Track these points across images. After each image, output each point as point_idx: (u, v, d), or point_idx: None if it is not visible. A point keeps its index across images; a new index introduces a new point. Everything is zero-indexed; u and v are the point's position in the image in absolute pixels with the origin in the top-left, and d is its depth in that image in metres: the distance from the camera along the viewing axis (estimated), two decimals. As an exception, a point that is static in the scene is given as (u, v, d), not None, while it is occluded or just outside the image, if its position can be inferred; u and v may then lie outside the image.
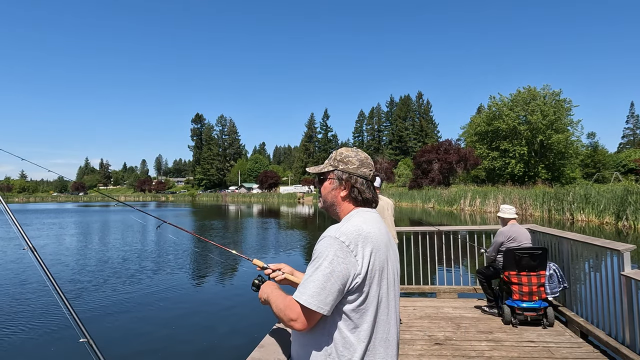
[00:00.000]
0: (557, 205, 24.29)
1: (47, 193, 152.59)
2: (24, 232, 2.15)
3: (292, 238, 18.75)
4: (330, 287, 1.27)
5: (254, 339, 1.97)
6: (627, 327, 3.75)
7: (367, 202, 1.49)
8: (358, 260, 1.30)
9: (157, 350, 5.62)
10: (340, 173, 1.49)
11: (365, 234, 1.34)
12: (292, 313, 1.30)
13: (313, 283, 1.28)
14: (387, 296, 1.38)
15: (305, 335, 1.37)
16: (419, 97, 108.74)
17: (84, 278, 10.06)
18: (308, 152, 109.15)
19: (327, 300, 1.26)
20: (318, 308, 1.26)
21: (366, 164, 1.51)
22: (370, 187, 1.51)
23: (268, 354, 1.56)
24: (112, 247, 15.87)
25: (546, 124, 49.12)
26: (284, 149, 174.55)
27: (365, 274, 1.30)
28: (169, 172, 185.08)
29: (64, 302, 1.98)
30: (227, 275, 10.59)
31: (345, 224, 1.37)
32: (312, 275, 1.30)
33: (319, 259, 1.30)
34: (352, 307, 1.31)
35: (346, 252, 1.29)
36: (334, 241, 1.31)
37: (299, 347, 1.42)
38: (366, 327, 1.31)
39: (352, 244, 1.30)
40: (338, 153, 1.54)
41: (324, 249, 1.31)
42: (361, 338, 1.31)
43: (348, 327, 1.31)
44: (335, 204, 1.51)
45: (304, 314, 1.28)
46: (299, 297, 1.29)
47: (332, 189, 1.51)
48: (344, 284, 1.28)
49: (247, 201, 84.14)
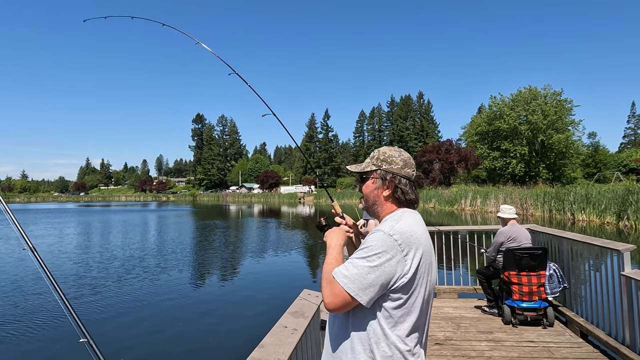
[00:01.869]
0: (558, 205, 24.25)
1: (48, 193, 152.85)
2: (23, 231, 2.16)
3: (292, 238, 18.75)
4: (373, 280, 1.26)
5: (254, 339, 1.96)
6: (627, 327, 3.75)
7: (410, 203, 1.49)
8: (407, 261, 1.30)
9: (157, 350, 5.62)
10: (384, 173, 1.49)
11: (417, 235, 1.35)
12: (330, 291, 1.30)
13: (357, 270, 1.28)
14: (429, 299, 1.39)
15: (345, 328, 1.37)
16: (419, 97, 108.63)
17: (85, 278, 10.07)
18: (309, 152, 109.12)
19: (367, 291, 1.26)
20: (357, 296, 1.26)
21: (409, 164, 1.51)
22: (414, 187, 1.50)
23: (268, 354, 1.56)
24: (113, 247, 15.89)
25: (547, 124, 49.06)
26: (284, 149, 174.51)
27: (413, 275, 1.31)
28: (170, 172, 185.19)
29: (63, 301, 1.99)
30: (227, 275, 10.60)
31: (398, 222, 1.36)
32: (358, 262, 1.30)
33: (368, 250, 1.30)
34: (395, 306, 1.31)
35: (397, 250, 1.29)
36: (387, 237, 1.31)
37: (338, 339, 1.41)
38: (407, 327, 1.32)
39: (404, 243, 1.31)
40: (381, 152, 1.53)
41: (376, 243, 1.31)
42: (401, 336, 1.32)
43: (389, 324, 1.31)
44: (377, 203, 1.51)
45: (341, 296, 1.28)
46: (341, 278, 1.29)
47: (374, 189, 1.51)
48: (388, 280, 1.28)
49: (248, 201, 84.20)
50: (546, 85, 52.13)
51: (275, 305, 7.48)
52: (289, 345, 1.63)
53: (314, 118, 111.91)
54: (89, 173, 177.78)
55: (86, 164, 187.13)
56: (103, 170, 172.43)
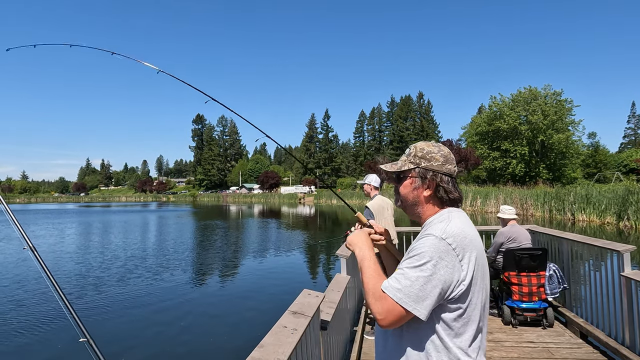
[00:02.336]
0: (558, 206, 24.25)
1: (49, 194, 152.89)
2: (24, 231, 2.16)
3: (292, 238, 18.75)
4: (430, 291, 1.16)
5: (253, 339, 1.96)
6: (627, 328, 3.75)
7: (454, 201, 1.37)
8: (463, 266, 1.20)
9: (157, 349, 5.62)
10: (423, 171, 1.36)
11: (470, 237, 1.24)
12: (381, 307, 1.19)
13: (410, 281, 1.17)
14: (486, 304, 1.29)
15: (402, 341, 1.28)
16: (419, 97, 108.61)
17: (85, 278, 10.07)
18: (309, 153, 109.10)
19: (424, 303, 1.16)
20: (413, 310, 1.16)
21: (450, 159, 1.38)
22: (456, 184, 1.39)
23: (268, 353, 1.56)
24: (113, 247, 15.89)
25: (547, 124, 49.05)
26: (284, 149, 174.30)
27: (470, 280, 1.21)
28: (170, 172, 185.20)
29: (63, 301, 1.99)
30: (227, 275, 10.60)
31: (449, 224, 1.25)
32: (410, 272, 1.19)
33: (420, 257, 1.19)
34: (455, 316, 1.22)
35: (452, 255, 1.19)
36: (439, 242, 1.20)
37: (393, 352, 1.31)
38: (468, 337, 1.23)
39: (459, 247, 1.21)
40: (418, 149, 1.40)
41: (428, 249, 1.20)
42: (463, 347, 1.23)
43: (449, 335, 1.22)
44: (417, 204, 1.38)
45: (395, 311, 1.17)
46: (393, 292, 1.18)
47: (413, 189, 1.38)
48: (445, 289, 1.18)
49: (248, 201, 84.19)
50: (546, 86, 52.16)
51: (275, 305, 7.48)
52: (289, 345, 1.63)
53: (314, 118, 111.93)
54: (89, 173, 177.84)
55: (86, 164, 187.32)
56: (103, 170, 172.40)
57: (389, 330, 1.30)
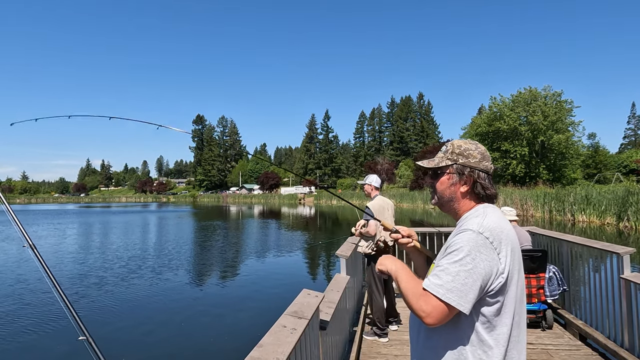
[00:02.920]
0: (558, 206, 24.25)
1: (49, 194, 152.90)
2: (23, 229, 2.17)
3: (292, 239, 18.74)
4: (472, 284, 1.18)
5: (253, 338, 1.96)
6: (626, 330, 3.75)
7: (490, 197, 1.40)
8: (501, 259, 1.23)
9: (157, 349, 5.63)
10: (461, 167, 1.39)
11: (506, 231, 1.27)
12: (426, 305, 1.20)
13: (452, 277, 1.19)
14: (522, 298, 1.31)
15: (436, 336, 1.29)
16: (419, 98, 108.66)
17: (86, 278, 10.07)
18: (309, 153, 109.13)
19: (467, 298, 1.18)
20: (458, 305, 1.17)
21: (487, 157, 1.42)
22: (492, 181, 1.42)
23: (267, 353, 1.56)
24: (114, 247, 15.89)
25: (547, 125, 49.05)
26: (285, 149, 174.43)
27: (508, 273, 1.23)
28: (170, 173, 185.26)
29: (62, 299, 1.99)
30: (227, 275, 10.60)
31: (485, 219, 1.28)
32: (450, 268, 1.21)
33: (459, 252, 1.22)
34: (493, 309, 1.24)
35: (490, 249, 1.22)
36: (477, 236, 1.23)
37: (427, 348, 1.33)
38: (505, 330, 1.24)
39: (496, 240, 1.23)
40: (456, 146, 1.43)
41: (466, 243, 1.22)
42: (500, 341, 1.24)
43: (486, 329, 1.24)
44: (454, 199, 1.41)
45: (439, 308, 1.19)
46: (436, 289, 1.20)
47: (450, 185, 1.41)
48: (485, 282, 1.20)
49: (248, 202, 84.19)
50: (546, 86, 52.03)
51: (274, 305, 7.49)
52: (288, 345, 1.63)
53: (314, 119, 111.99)
54: (90, 174, 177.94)
55: (86, 165, 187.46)
56: (103, 171, 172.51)
57: (423, 325, 1.31)
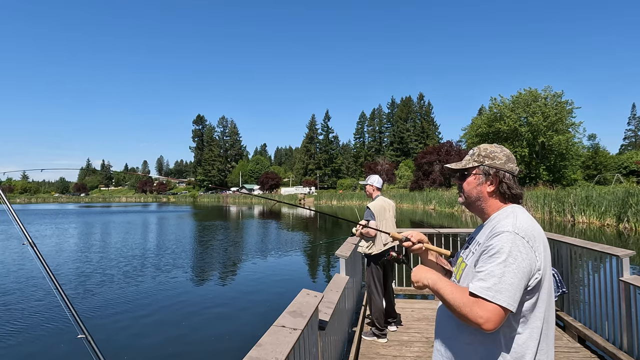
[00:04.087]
0: (558, 207, 24.23)
1: (49, 194, 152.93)
2: (23, 226, 2.17)
3: (292, 239, 18.73)
4: (518, 284, 1.23)
5: (252, 338, 1.96)
6: (625, 333, 3.75)
7: (516, 197, 1.46)
8: (538, 257, 1.29)
9: (156, 349, 5.62)
10: (487, 168, 1.47)
11: (537, 230, 1.34)
12: (483, 311, 1.21)
13: (498, 278, 1.23)
14: (551, 292, 1.36)
15: (472, 332, 1.32)
16: (420, 99, 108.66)
17: (86, 277, 10.05)
18: (309, 154, 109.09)
19: (515, 297, 1.23)
20: (509, 305, 1.22)
21: (512, 159, 1.49)
22: (517, 182, 1.48)
23: (266, 353, 1.56)
24: (114, 247, 15.88)
25: (547, 126, 49.03)
26: (285, 150, 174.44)
27: (543, 269, 1.30)
28: (170, 173, 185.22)
29: (62, 297, 1.99)
30: (227, 275, 10.60)
31: (518, 219, 1.34)
32: (495, 270, 1.25)
33: (500, 254, 1.26)
34: (529, 304, 1.29)
35: (528, 248, 1.27)
36: (514, 237, 1.28)
37: (465, 343, 1.35)
38: (538, 325, 1.30)
39: (531, 240, 1.29)
40: (482, 149, 1.52)
41: (506, 244, 1.27)
42: (534, 336, 1.29)
43: (522, 323, 1.29)
44: (481, 199, 1.48)
45: (496, 311, 1.21)
46: (485, 292, 1.23)
47: (477, 185, 1.48)
48: (527, 280, 1.26)
49: (249, 202, 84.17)
50: (546, 87, 52.08)
51: (274, 305, 7.49)
52: (287, 345, 1.64)
53: (314, 119, 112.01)
54: (90, 174, 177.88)
55: (87, 164, 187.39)
56: (104, 171, 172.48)
57: (452, 322, 1.37)
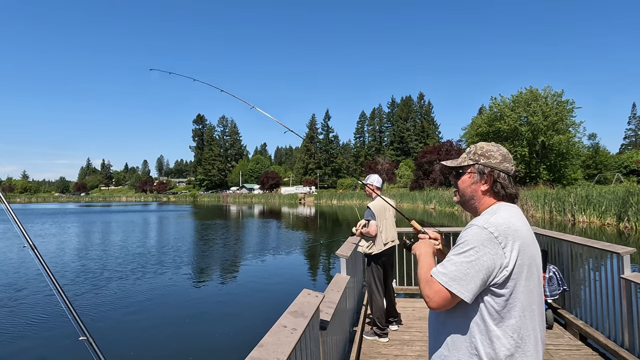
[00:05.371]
0: (559, 207, 24.22)
1: (49, 193, 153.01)
2: (24, 229, 2.16)
3: (293, 238, 18.74)
4: (473, 275, 1.26)
5: (253, 338, 1.96)
6: (627, 330, 3.75)
7: (510, 197, 1.46)
8: (506, 253, 1.28)
9: (156, 349, 5.63)
10: (482, 167, 1.47)
11: (515, 227, 1.33)
12: (430, 290, 1.30)
13: (455, 266, 1.28)
14: (536, 293, 1.36)
15: (448, 324, 1.37)
16: (420, 98, 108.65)
17: (86, 278, 10.06)
18: (309, 153, 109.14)
19: (468, 287, 1.26)
20: (459, 292, 1.26)
21: (508, 158, 1.48)
22: (512, 182, 1.48)
23: (267, 353, 1.56)
24: (114, 247, 15.89)
25: (547, 125, 49.02)
26: (285, 149, 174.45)
27: (512, 267, 1.28)
28: (171, 172, 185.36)
29: (62, 299, 1.98)
30: (228, 275, 10.60)
31: (494, 215, 1.35)
32: (455, 259, 1.30)
33: (464, 245, 1.30)
34: (499, 301, 1.30)
35: (494, 243, 1.28)
36: (481, 231, 1.30)
37: (439, 335, 1.41)
38: (514, 322, 1.30)
39: (501, 235, 1.29)
40: (478, 147, 1.51)
41: (471, 237, 1.30)
42: (508, 332, 1.29)
43: (494, 320, 1.30)
44: (474, 198, 1.49)
45: (441, 293, 1.28)
46: (440, 276, 1.29)
47: (471, 183, 1.49)
48: (488, 274, 1.27)
49: (249, 202, 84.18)
50: (547, 87, 52.06)
51: (275, 305, 7.49)
52: (288, 345, 1.64)
53: (314, 119, 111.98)
54: (90, 173, 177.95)
55: (87, 164, 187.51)
56: (104, 170, 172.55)
57: (441, 314, 1.40)
